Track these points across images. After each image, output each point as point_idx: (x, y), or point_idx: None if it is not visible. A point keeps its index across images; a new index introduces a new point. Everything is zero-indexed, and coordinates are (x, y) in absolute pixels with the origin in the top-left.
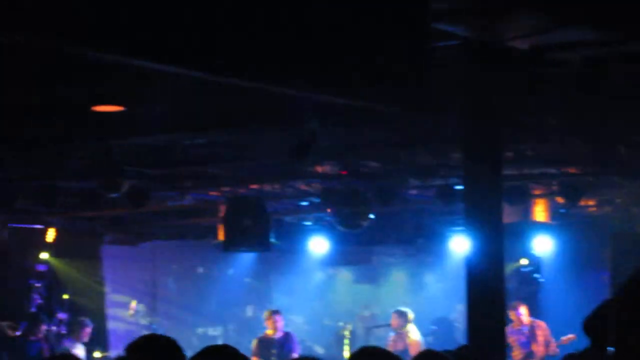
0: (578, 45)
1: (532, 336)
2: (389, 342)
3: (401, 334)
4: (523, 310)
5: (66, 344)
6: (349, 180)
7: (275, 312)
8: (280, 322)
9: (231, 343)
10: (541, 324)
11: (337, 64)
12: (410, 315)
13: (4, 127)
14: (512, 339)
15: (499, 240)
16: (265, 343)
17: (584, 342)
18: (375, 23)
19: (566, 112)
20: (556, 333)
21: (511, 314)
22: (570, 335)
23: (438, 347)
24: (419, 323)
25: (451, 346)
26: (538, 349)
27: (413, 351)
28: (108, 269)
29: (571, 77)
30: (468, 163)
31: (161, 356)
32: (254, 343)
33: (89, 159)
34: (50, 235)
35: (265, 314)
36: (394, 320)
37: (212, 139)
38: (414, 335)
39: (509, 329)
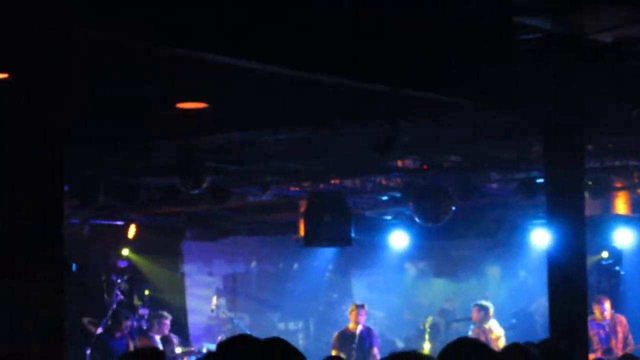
0: None
1: (612, 331)
2: (470, 336)
3: (483, 328)
4: (607, 305)
5: (149, 339)
6: (429, 174)
7: (360, 307)
8: (363, 317)
9: (311, 337)
10: (622, 319)
11: (421, 60)
12: (491, 309)
13: (88, 124)
14: (592, 332)
15: (580, 233)
16: (345, 337)
17: None
18: (458, 18)
19: None
20: (636, 327)
21: (595, 308)
22: None
23: (519, 340)
24: (498, 316)
25: (533, 339)
26: (617, 344)
27: (495, 346)
28: (189, 264)
29: None
30: (549, 156)
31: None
32: (334, 336)
33: (171, 156)
34: (131, 231)
35: (350, 307)
36: (475, 314)
37: (292, 134)
38: (496, 329)
39: (590, 323)
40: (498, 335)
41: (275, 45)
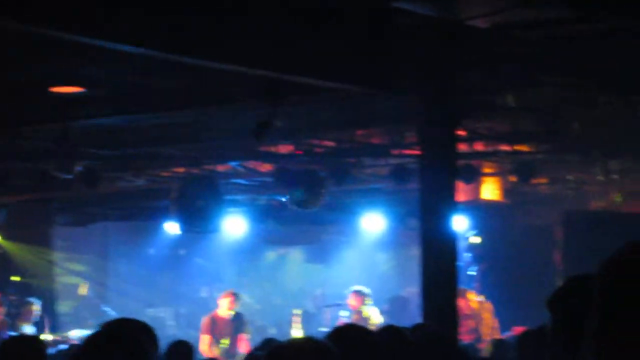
0: (539, 24)
1: (478, 319)
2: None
3: (361, 315)
4: (471, 297)
5: (16, 327)
6: (303, 159)
7: (233, 294)
8: (235, 305)
9: (183, 324)
10: (487, 305)
11: (294, 43)
12: (369, 295)
13: None
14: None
15: (452, 218)
16: (215, 322)
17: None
18: (334, 2)
19: (520, 90)
20: (502, 310)
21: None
22: None
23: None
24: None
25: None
26: (485, 330)
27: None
28: (59, 250)
29: (527, 55)
30: (422, 141)
31: (130, 343)
32: (204, 321)
33: (44, 141)
34: (1, 216)
35: (223, 294)
36: (352, 300)
37: (165, 119)
38: (375, 316)
39: None
40: (376, 322)
41: (143, 27)
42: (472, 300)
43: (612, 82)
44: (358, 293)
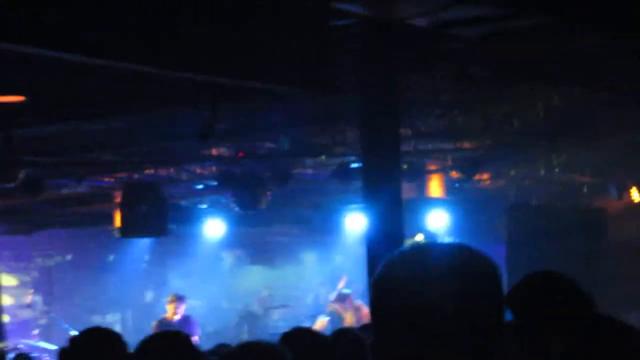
0: (474, 22)
1: None
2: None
3: (355, 308)
4: None
5: None
6: (244, 161)
7: (179, 298)
8: (181, 308)
9: (129, 329)
10: None
11: (235, 46)
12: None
13: None
14: None
15: (398, 217)
16: (165, 325)
17: None
18: (273, 3)
19: (460, 88)
20: None
21: None
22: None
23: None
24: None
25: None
26: None
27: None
28: (2, 259)
29: (466, 53)
30: (366, 141)
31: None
32: (154, 325)
33: None
34: None
35: (169, 298)
36: (338, 306)
37: (106, 125)
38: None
39: None
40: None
41: (71, 33)
42: None
43: (543, 74)
44: (341, 297)
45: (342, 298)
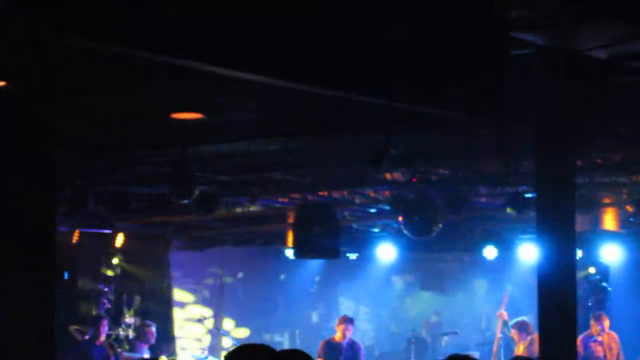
0: None
1: (607, 347)
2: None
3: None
4: (606, 323)
5: (136, 348)
6: (418, 187)
7: (349, 320)
8: (350, 331)
9: (297, 348)
10: (614, 335)
11: (413, 73)
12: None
13: (82, 132)
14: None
15: (571, 248)
16: (331, 346)
17: None
18: (454, 31)
19: (637, 120)
20: (623, 343)
21: (593, 325)
22: None
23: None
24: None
25: None
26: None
27: None
28: (176, 274)
29: None
30: (540, 171)
31: None
32: (321, 344)
33: (164, 165)
34: (119, 240)
35: (339, 318)
36: (515, 336)
37: (282, 145)
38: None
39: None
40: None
41: (266, 56)
42: (606, 326)
43: None
44: (521, 325)
45: (523, 326)
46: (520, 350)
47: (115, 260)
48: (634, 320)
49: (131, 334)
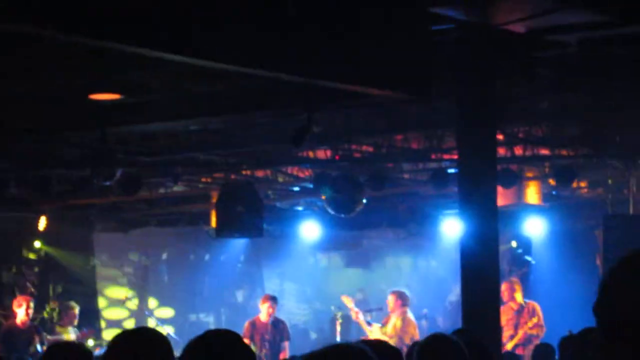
0: (574, 28)
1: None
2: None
3: (404, 317)
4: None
5: (58, 330)
6: (341, 164)
7: (272, 298)
8: (274, 309)
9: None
10: (535, 305)
11: (334, 50)
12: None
13: (0, 115)
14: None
15: (493, 223)
16: (256, 326)
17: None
18: (374, 8)
19: (559, 95)
20: (547, 314)
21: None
22: None
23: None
24: (413, 306)
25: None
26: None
27: (413, 335)
28: (100, 256)
29: (565, 59)
30: (462, 146)
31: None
32: (245, 325)
33: (86, 147)
34: (42, 223)
35: (262, 298)
36: (392, 302)
37: (203, 125)
38: (413, 319)
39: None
40: (415, 324)
41: (184, 35)
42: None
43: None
44: (399, 294)
45: (402, 295)
46: (392, 323)
47: (37, 244)
48: (556, 292)
49: (55, 317)
